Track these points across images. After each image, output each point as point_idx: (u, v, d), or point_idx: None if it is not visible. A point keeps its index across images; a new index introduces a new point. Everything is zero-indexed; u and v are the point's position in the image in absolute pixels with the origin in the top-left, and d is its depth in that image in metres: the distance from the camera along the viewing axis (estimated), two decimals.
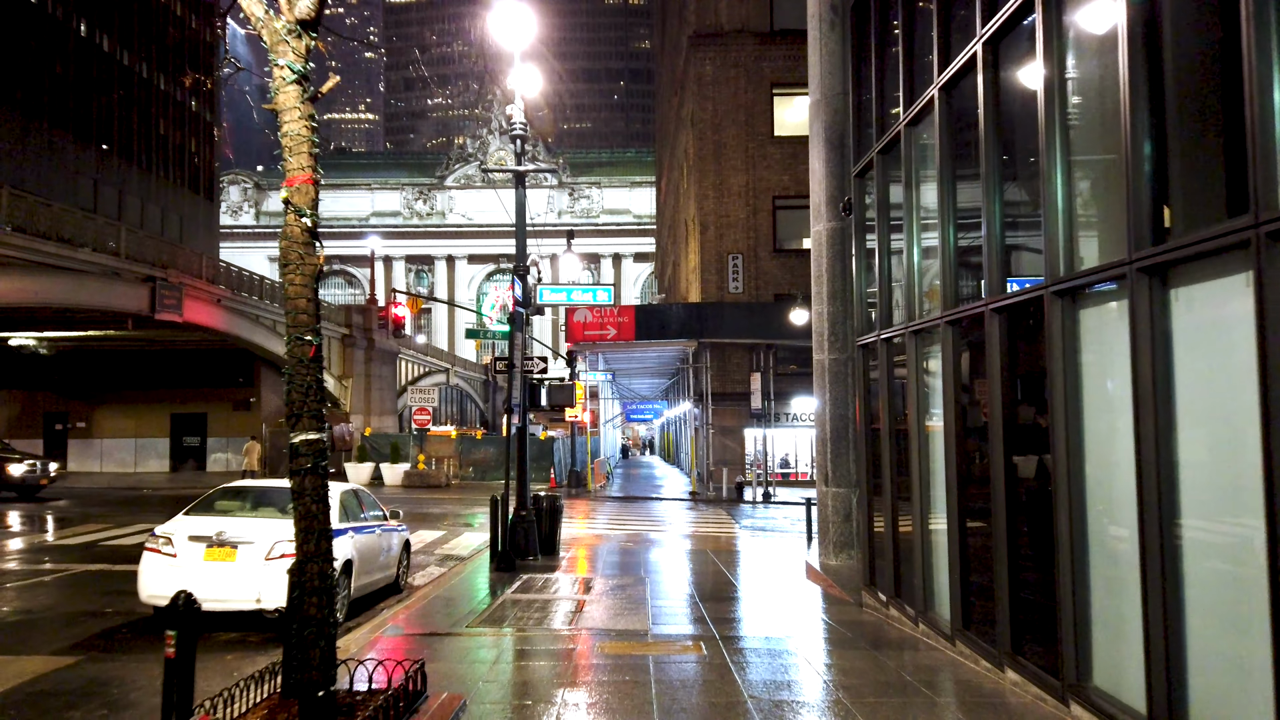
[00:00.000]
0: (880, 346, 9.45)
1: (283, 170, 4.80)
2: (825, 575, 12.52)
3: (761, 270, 32.82)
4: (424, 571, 13.50)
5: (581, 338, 30.42)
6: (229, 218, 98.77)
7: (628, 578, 12.37)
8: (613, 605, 10.03)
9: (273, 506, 9.47)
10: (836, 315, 13.35)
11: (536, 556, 14.18)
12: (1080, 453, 5.60)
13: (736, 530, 20.23)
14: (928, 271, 8.52)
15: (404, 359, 52.68)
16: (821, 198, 13.52)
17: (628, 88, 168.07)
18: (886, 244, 9.48)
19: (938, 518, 8.09)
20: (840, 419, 13.26)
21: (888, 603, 9.34)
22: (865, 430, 10.35)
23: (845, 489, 13.20)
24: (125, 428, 35.55)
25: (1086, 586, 5.56)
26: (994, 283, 6.64)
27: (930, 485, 8.29)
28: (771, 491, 28.60)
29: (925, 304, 8.46)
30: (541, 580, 11.93)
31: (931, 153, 8.11)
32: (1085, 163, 5.72)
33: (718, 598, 11.00)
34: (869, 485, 10.31)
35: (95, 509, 22.65)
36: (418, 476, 32.12)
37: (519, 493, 14.52)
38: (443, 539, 17.91)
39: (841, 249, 13.33)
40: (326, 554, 4.83)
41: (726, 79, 33.31)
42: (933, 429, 8.25)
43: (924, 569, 8.33)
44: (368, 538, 10.16)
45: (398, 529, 11.51)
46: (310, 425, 4.75)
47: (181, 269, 27.30)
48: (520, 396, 13.44)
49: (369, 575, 10.18)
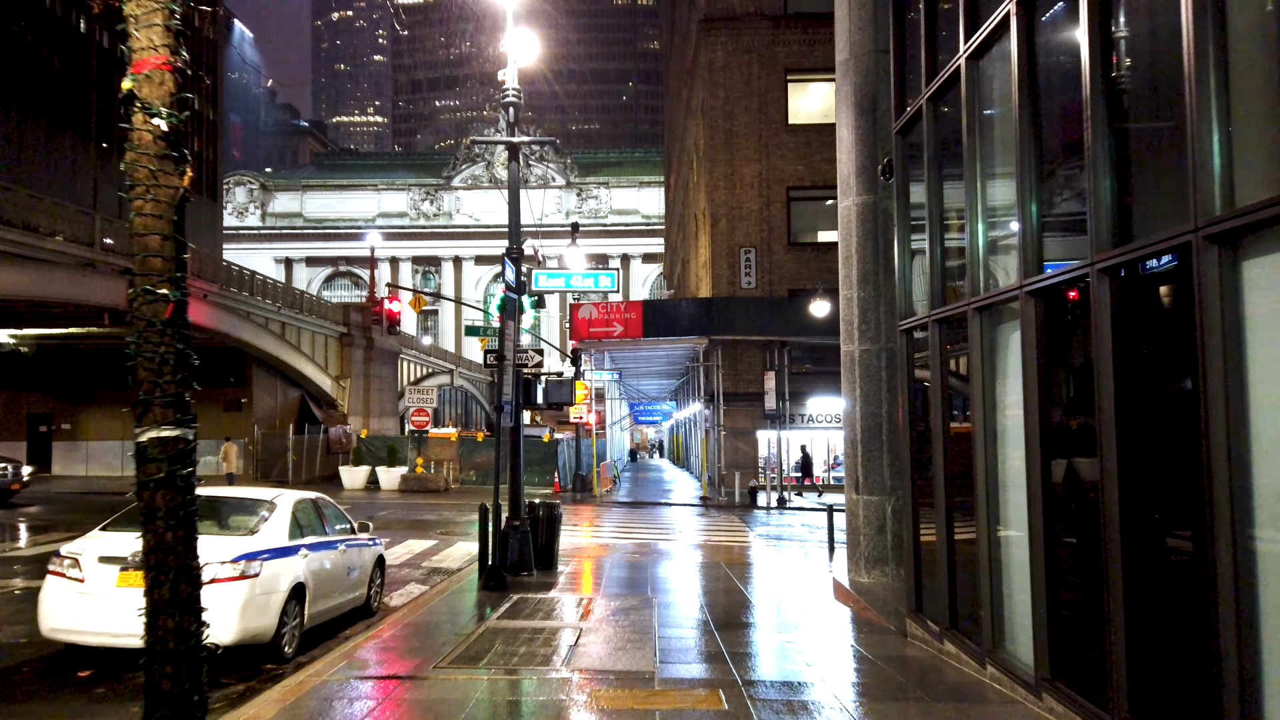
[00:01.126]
0: (932, 330, 7.93)
1: (126, 56, 3.33)
2: (856, 595, 11.00)
3: (775, 264, 31.28)
4: (403, 590, 12.02)
5: (587, 335, 28.95)
6: (234, 219, 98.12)
7: (633, 598, 10.87)
8: (614, 636, 8.53)
9: (212, 520, 8.02)
10: (868, 301, 11.84)
11: (531, 572, 12.69)
12: (1244, 449, 4.08)
13: (751, 539, 18.71)
14: (997, 236, 7.00)
15: (406, 359, 51.32)
16: (850, 169, 12.03)
17: (636, 88, 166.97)
18: (939, 207, 7.96)
19: (1014, 533, 6.57)
20: (872, 417, 11.75)
21: (941, 634, 7.81)
22: (909, 430, 8.83)
23: (879, 497, 11.68)
24: (112, 429, 34.20)
25: (1255, 632, 4.04)
26: (1102, 235, 5.12)
27: (1003, 493, 6.77)
28: (786, 497, 27.07)
29: (994, 274, 6.94)
30: (534, 601, 10.45)
31: (1003, 86, 6.61)
32: (1253, 72, 4.20)
33: (735, 624, 9.49)
34: (913, 494, 8.79)
35: (68, 516, 21.27)
36: (415, 481, 30.68)
37: (512, 500, 13.04)
38: (433, 550, 16.45)
39: (874, 226, 11.83)
40: (189, 604, 3.34)
41: (738, 64, 31.81)
42: (1006, 425, 6.73)
43: (993, 597, 6.80)
44: (327, 555, 8.69)
45: (368, 543, 10.04)
46: (165, 418, 3.30)
47: None
48: (512, 392, 11.96)
49: (329, 599, 8.72)
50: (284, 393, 37.31)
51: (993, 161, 6.95)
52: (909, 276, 8.95)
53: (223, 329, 29.71)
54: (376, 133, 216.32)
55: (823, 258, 30.74)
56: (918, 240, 8.71)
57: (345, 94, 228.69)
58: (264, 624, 7.30)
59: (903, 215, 8.98)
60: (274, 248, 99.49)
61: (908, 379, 8.84)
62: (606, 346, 29.94)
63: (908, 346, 8.90)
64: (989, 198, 6.97)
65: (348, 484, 31.42)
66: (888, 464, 11.73)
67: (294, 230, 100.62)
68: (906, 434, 8.83)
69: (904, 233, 8.94)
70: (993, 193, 6.94)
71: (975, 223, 7.03)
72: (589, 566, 13.99)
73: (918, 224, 8.66)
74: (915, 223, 8.81)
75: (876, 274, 11.84)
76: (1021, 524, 6.27)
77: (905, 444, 8.84)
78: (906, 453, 8.80)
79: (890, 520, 11.65)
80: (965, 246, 7.13)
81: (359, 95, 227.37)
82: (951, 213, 7.85)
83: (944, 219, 7.96)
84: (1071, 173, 5.85)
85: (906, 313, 8.87)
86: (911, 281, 8.92)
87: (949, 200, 7.92)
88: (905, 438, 8.84)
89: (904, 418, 8.88)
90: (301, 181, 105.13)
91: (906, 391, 8.84)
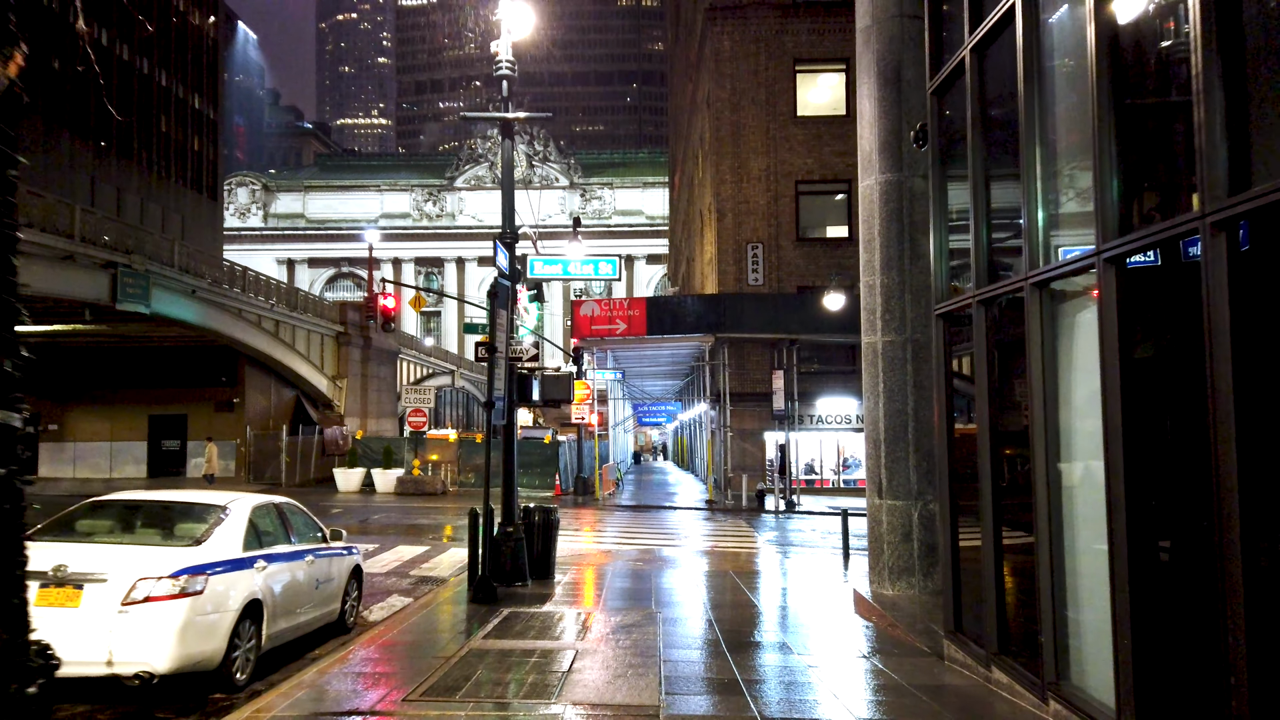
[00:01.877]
0: (976, 314, 6.94)
1: None
2: (880, 609, 10.02)
3: (783, 260, 30.30)
4: (385, 602, 11.05)
5: (589, 333, 27.99)
6: (237, 220, 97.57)
7: (635, 612, 9.89)
8: (615, 659, 7.55)
9: (153, 528, 7.07)
10: (892, 289, 10.89)
11: (525, 582, 11.72)
12: None
13: (760, 545, 17.73)
14: (1062, 199, 6.02)
15: (405, 359, 50.42)
16: (872, 145, 11.07)
17: (640, 90, 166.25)
18: (984, 172, 6.97)
19: (1086, 544, 5.59)
20: (897, 415, 10.78)
21: (989, 660, 6.82)
22: (946, 427, 7.83)
23: (904, 501, 10.71)
24: (100, 430, 33.27)
25: None
26: (1217, 181, 4.14)
27: (1069, 497, 5.79)
28: (795, 500, 26.05)
29: (1057, 244, 5.96)
30: (527, 617, 9.47)
31: (1072, 21, 5.63)
32: None
33: (749, 644, 8.50)
34: (951, 498, 7.79)
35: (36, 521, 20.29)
36: (412, 483, 29.71)
37: (505, 504, 12.08)
38: (424, 556, 15.49)
39: (899, 206, 10.88)
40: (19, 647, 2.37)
41: (746, 55, 30.85)
42: (1073, 419, 5.75)
43: (1056, 619, 5.81)
44: (292, 567, 7.72)
45: (342, 552, 9.07)
46: None
47: (149, 255, 24.97)
48: (505, 388, 10.99)
49: (294, 616, 7.74)
50: (278, 393, 36.37)
51: (1054, 111, 5.97)
52: (946, 254, 7.95)
53: (213, 326, 28.77)
54: (380, 135, 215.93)
55: (832, 253, 29.76)
56: (958, 212, 7.72)
57: (350, 96, 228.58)
58: (209, 648, 6.33)
59: (939, 185, 7.99)
60: (276, 249, 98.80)
61: (945, 369, 7.85)
62: (609, 345, 28.97)
63: (944, 333, 7.90)
64: (1052, 156, 5.98)
65: (342, 486, 30.47)
66: (913, 465, 10.76)
67: (296, 231, 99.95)
68: (944, 431, 7.84)
69: (940, 204, 7.95)
70: (1057, 148, 5.96)
71: (1033, 185, 6.03)
72: (588, 575, 13.01)
73: (958, 194, 7.68)
74: (955, 192, 7.82)
75: (901, 259, 10.89)
76: (1096, 534, 5.28)
77: (942, 443, 7.84)
78: (943, 453, 7.81)
79: (917, 527, 10.68)
80: (1022, 214, 6.13)
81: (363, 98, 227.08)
82: (1002, 177, 6.87)
83: (990, 184, 6.97)
84: (1166, 116, 4.86)
85: (943, 295, 7.87)
86: (949, 259, 7.93)
87: (997, 165, 6.94)
88: (942, 436, 7.85)
89: (940, 413, 7.88)
90: (304, 182, 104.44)
91: (943, 384, 7.84)
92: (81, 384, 32.98)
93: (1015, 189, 6.59)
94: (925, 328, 10.82)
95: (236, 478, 32.72)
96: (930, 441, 10.82)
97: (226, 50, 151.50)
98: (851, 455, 32.38)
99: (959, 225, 7.66)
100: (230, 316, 29.96)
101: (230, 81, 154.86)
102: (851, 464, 32.38)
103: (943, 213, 7.95)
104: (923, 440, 10.73)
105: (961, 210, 7.48)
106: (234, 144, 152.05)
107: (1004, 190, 6.90)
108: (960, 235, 7.61)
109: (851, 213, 30.19)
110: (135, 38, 56.08)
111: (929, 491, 10.72)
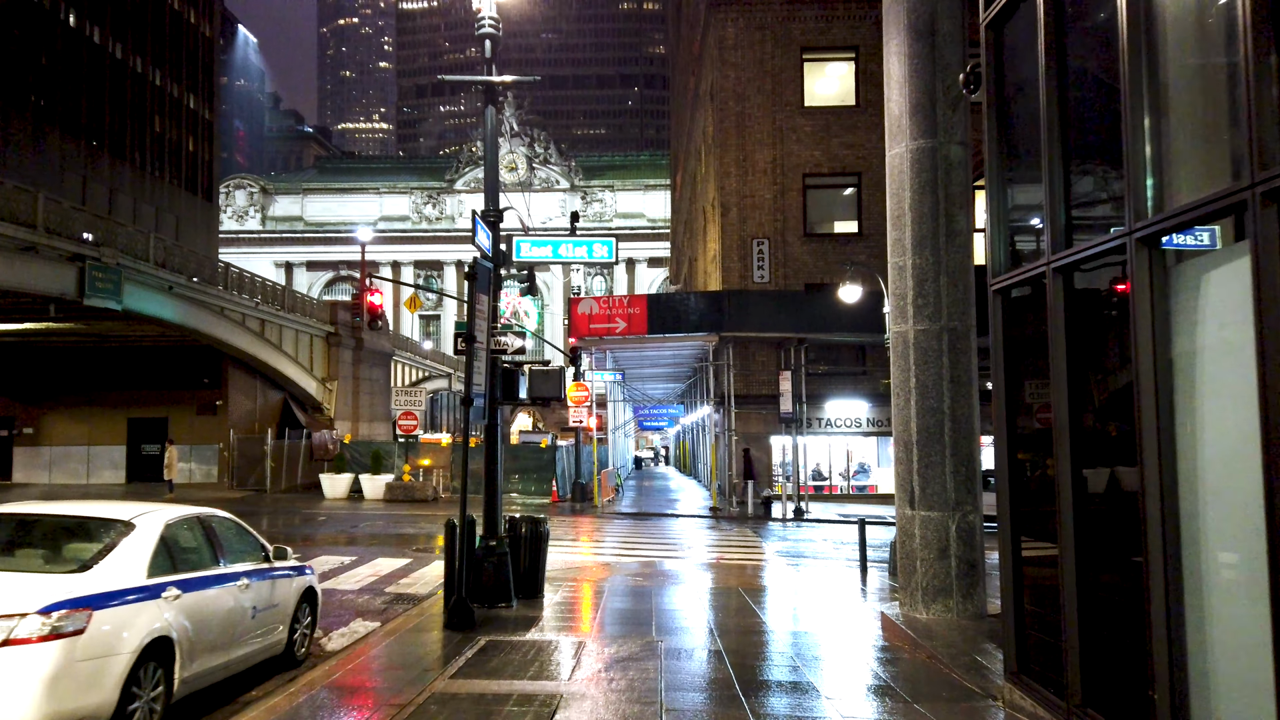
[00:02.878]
0: (1053, 284, 5.63)
1: None
2: (914, 635, 8.70)
3: (790, 257, 29.01)
4: (349, 627, 9.72)
5: (587, 332, 26.67)
6: (235, 223, 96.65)
7: (633, 641, 8.57)
8: (608, 707, 6.24)
9: (35, 550, 5.77)
10: (925, 270, 9.59)
11: (510, 603, 10.41)
12: None
13: (769, 556, 16.41)
14: (1176, 131, 4.71)
15: (400, 361, 49.17)
16: (902, 108, 9.79)
17: (642, 94, 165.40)
18: (1059, 112, 5.66)
19: (1228, 577, 4.29)
20: (931, 414, 9.47)
21: (1070, 714, 5.49)
22: (1007, 423, 6.52)
23: (940, 513, 9.39)
24: (77, 434, 31.89)
25: None
26: None
27: (1197, 516, 4.47)
28: (804, 507, 24.72)
29: (1172, 190, 4.65)
30: (507, 647, 8.15)
31: None
32: None
33: (766, 683, 7.18)
34: (1011, 510, 6.48)
35: None
36: (401, 489, 28.38)
37: (487, 515, 10.79)
38: (403, 570, 14.18)
39: (933, 177, 9.59)
40: None
41: (751, 43, 29.59)
42: (1203, 414, 4.44)
43: (1175, 670, 4.49)
44: (217, 594, 6.41)
45: (290, 573, 7.75)
46: None
47: (121, 248, 23.63)
48: (485, 382, 9.69)
49: (220, 653, 6.42)
50: (264, 395, 34.99)
51: (1166, 19, 4.67)
52: (1004, 219, 6.64)
53: (192, 325, 27.40)
54: (382, 139, 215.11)
55: (841, 249, 28.45)
56: (1023, 166, 6.42)
57: (351, 101, 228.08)
58: (93, 702, 5.02)
59: (996, 136, 6.68)
60: (274, 252, 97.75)
61: (1005, 354, 6.53)
62: (608, 344, 27.66)
63: (1002, 313, 6.59)
64: (1162, 80, 4.67)
65: (329, 493, 29.12)
66: (950, 472, 9.45)
67: (295, 234, 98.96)
68: (1004, 429, 6.51)
69: (998, 159, 6.63)
70: (1168, 72, 4.66)
71: (1139, 117, 4.72)
72: (582, 594, 11.69)
73: (1023, 143, 6.38)
74: (1018, 142, 6.52)
75: (935, 236, 9.59)
76: (1245, 557, 3.98)
77: (1002, 442, 6.52)
78: (1004, 454, 6.49)
79: (955, 542, 9.36)
80: (1124, 150, 4.82)
81: (365, 102, 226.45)
82: (1086, 117, 5.58)
83: (1068, 126, 5.66)
84: None
85: (1002, 267, 6.56)
86: (1008, 224, 6.62)
87: (1080, 101, 5.64)
88: (1002, 434, 6.53)
89: (1000, 406, 6.55)
90: (302, 185, 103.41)
91: (1003, 371, 6.52)
92: (58, 386, 31.62)
93: (1103, 130, 5.30)
94: (964, 314, 9.54)
95: (219, 484, 31.40)
96: (970, 445, 9.53)
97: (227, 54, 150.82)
98: (862, 460, 31.06)
99: (1024, 181, 6.36)
100: (212, 315, 28.61)
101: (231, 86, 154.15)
102: (862, 469, 31.04)
103: (1000, 169, 6.64)
104: (961, 443, 9.43)
105: (1029, 164, 6.18)
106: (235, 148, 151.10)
107: (1088, 133, 5.61)
108: (1027, 190, 6.30)
109: (861, 207, 28.89)
110: (128, 35, 55.00)
111: (968, 501, 9.42)
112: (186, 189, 59.77)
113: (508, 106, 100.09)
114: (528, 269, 17.35)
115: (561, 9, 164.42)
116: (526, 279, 17.91)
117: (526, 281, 17.94)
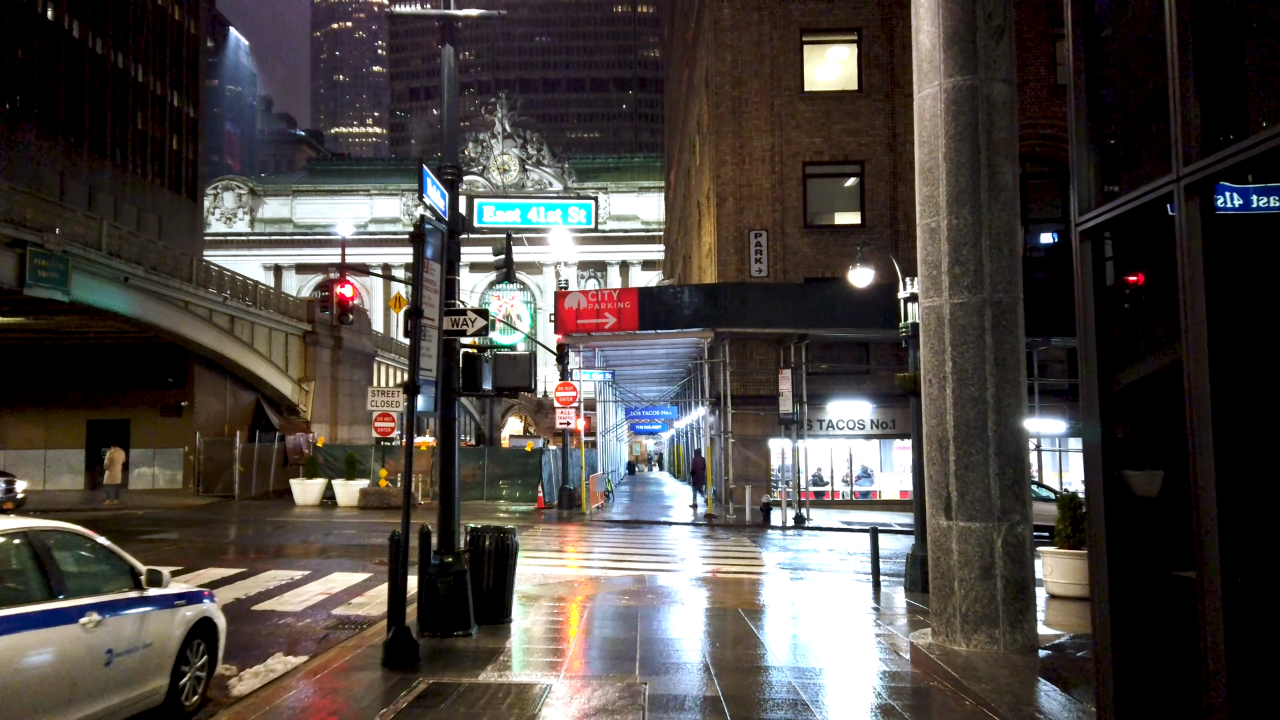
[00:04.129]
0: (1183, 211, 4.04)
1: None
2: (955, 674, 7.10)
3: (789, 249, 27.46)
4: (267, 663, 8.06)
5: (574, 328, 25.04)
6: (223, 225, 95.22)
7: (613, 684, 6.95)
8: None
9: None
10: (964, 232, 8.02)
11: (469, 630, 8.79)
12: None
13: (769, 569, 14.82)
14: None
15: (384, 362, 47.52)
16: (935, 40, 8.21)
17: (636, 97, 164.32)
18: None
19: None
20: (972, 404, 7.89)
21: None
22: (1099, 399, 4.91)
23: (983, 524, 7.79)
24: (33, 437, 30.09)
25: None
26: None
27: None
28: (805, 515, 23.13)
29: None
30: (455, 694, 6.53)
31: None
32: None
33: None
34: (1108, 529, 4.87)
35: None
36: (377, 496, 26.70)
37: (441, 526, 9.19)
38: (359, 587, 12.53)
39: (973, 120, 8.01)
40: None
41: (748, 24, 28.07)
42: None
43: None
44: (49, 637, 4.77)
45: (171, 604, 6.11)
46: None
47: (67, 235, 21.95)
48: (436, 368, 8.07)
49: (55, 713, 4.78)
50: (235, 396, 33.21)
51: None
52: (1092, 137, 5.04)
53: (152, 320, 25.65)
54: (375, 143, 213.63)
55: (843, 242, 26.91)
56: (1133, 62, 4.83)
57: (344, 105, 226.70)
58: None
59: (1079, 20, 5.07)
60: (263, 254, 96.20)
61: (1095, 309, 4.93)
62: (597, 341, 26.03)
63: (1093, 258, 4.98)
64: None
65: (300, 500, 27.39)
66: (995, 474, 7.85)
67: (284, 237, 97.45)
68: (1093, 405, 4.90)
69: (1090, 56, 5.02)
70: None
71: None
72: (558, 618, 10.06)
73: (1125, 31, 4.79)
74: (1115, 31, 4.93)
75: (976, 191, 8.00)
76: None
77: (1092, 425, 4.91)
78: (1094, 442, 4.89)
79: (1001, 559, 7.75)
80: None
81: (357, 106, 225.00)
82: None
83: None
84: None
85: (1092, 200, 4.96)
86: (1100, 144, 5.02)
87: None
88: (1092, 412, 4.92)
89: (1092, 378, 4.94)
90: (292, 187, 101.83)
91: (1093, 330, 4.91)
92: (12, 386, 29.83)
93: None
94: (1010, 284, 7.96)
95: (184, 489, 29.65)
96: (1019, 441, 7.94)
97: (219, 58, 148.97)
98: (864, 465, 29.49)
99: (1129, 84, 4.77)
100: (174, 310, 26.86)
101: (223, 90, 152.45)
102: (865, 473, 29.47)
103: (1090, 69, 5.03)
104: (1008, 439, 7.84)
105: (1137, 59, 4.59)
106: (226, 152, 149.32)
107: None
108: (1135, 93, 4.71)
109: (864, 197, 27.32)
110: (109, 31, 53.40)
111: (1016, 509, 7.83)
112: (170, 188, 58.19)
113: (500, 107, 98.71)
114: (504, 252, 15.71)
115: (556, 11, 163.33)
116: (503, 264, 16.29)
117: (503, 267, 16.30)
